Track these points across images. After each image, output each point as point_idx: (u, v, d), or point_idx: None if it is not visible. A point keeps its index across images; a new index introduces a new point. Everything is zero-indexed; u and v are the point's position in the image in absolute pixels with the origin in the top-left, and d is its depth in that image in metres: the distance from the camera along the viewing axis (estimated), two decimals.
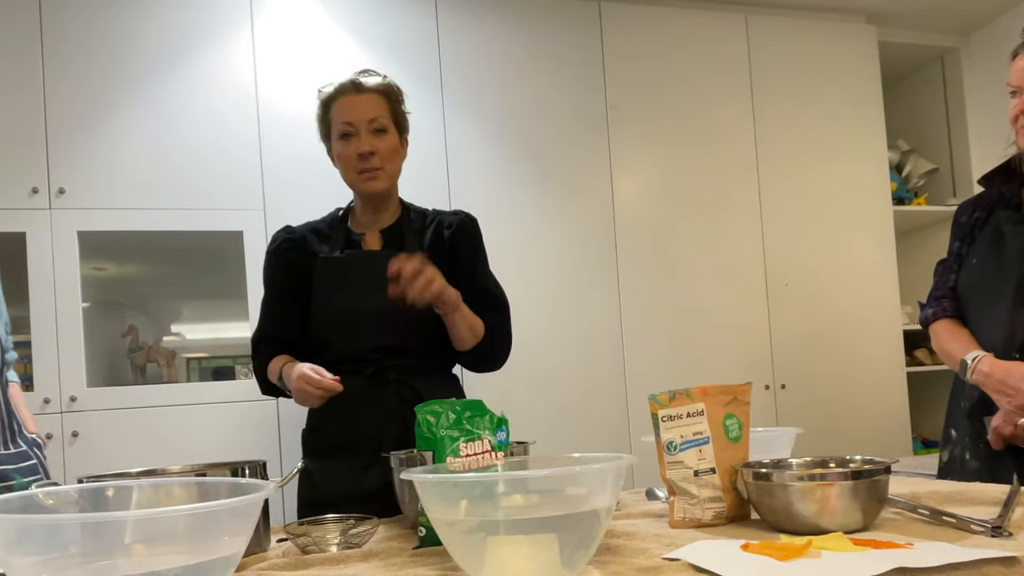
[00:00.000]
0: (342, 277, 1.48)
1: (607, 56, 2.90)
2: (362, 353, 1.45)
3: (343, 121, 1.47)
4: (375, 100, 1.49)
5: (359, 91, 1.48)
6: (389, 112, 1.50)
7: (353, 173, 1.50)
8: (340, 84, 1.50)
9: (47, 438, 2.23)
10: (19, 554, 0.63)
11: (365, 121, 1.47)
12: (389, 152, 1.49)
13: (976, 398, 1.55)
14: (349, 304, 1.46)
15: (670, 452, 1.04)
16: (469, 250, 1.55)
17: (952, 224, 1.70)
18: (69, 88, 2.36)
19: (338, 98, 1.49)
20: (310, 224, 1.60)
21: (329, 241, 1.54)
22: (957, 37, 3.48)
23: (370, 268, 1.47)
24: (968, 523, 0.89)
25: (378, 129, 1.48)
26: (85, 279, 2.37)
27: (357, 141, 1.47)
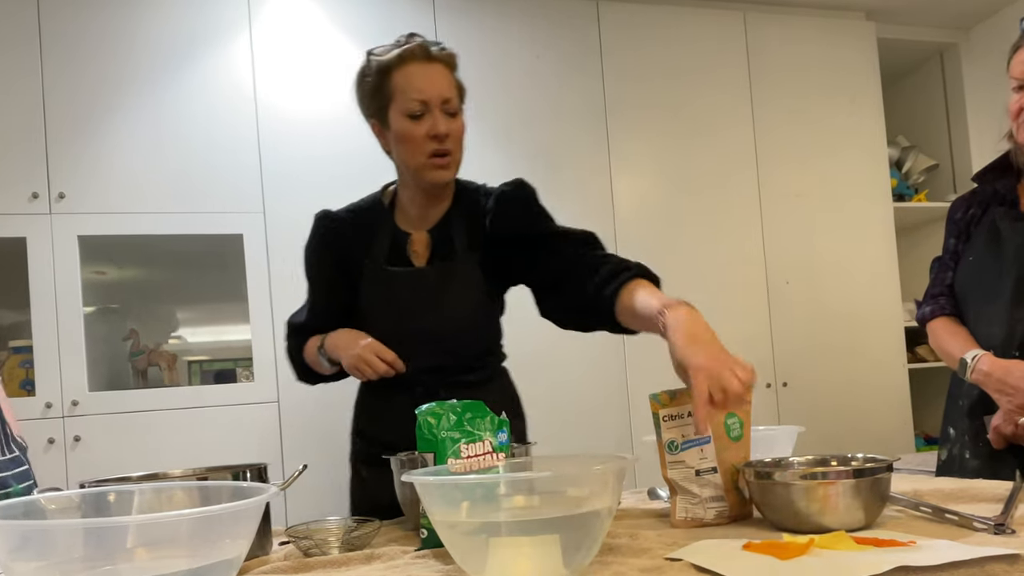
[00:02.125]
0: (386, 295, 1.34)
1: (605, 53, 2.90)
2: (410, 374, 1.32)
3: (415, 97, 1.24)
4: (445, 73, 1.27)
5: (429, 59, 1.26)
6: (456, 88, 1.30)
7: (422, 158, 1.27)
8: (404, 48, 1.26)
9: (49, 443, 2.24)
10: (22, 560, 0.63)
11: (440, 98, 1.25)
12: (461, 136, 1.30)
13: (975, 397, 1.55)
14: (393, 325, 1.33)
15: (671, 451, 1.04)
16: (521, 220, 1.33)
17: (946, 221, 1.70)
18: (68, 93, 2.36)
19: (403, 65, 1.26)
20: (353, 209, 1.41)
21: (374, 238, 1.36)
22: (956, 33, 3.48)
23: (414, 287, 1.34)
24: (971, 521, 0.89)
25: (451, 110, 1.27)
26: (86, 283, 2.38)
27: (431, 120, 1.24)
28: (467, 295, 1.35)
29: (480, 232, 1.35)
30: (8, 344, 2.39)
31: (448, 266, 1.35)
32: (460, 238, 1.35)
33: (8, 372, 2.36)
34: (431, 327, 1.33)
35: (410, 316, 1.33)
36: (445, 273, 1.34)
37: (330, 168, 2.56)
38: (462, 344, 1.36)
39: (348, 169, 2.55)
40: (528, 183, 1.40)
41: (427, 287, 1.33)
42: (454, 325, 1.34)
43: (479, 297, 1.36)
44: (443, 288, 1.34)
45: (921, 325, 1.69)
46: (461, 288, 1.34)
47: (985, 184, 1.64)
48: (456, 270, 1.34)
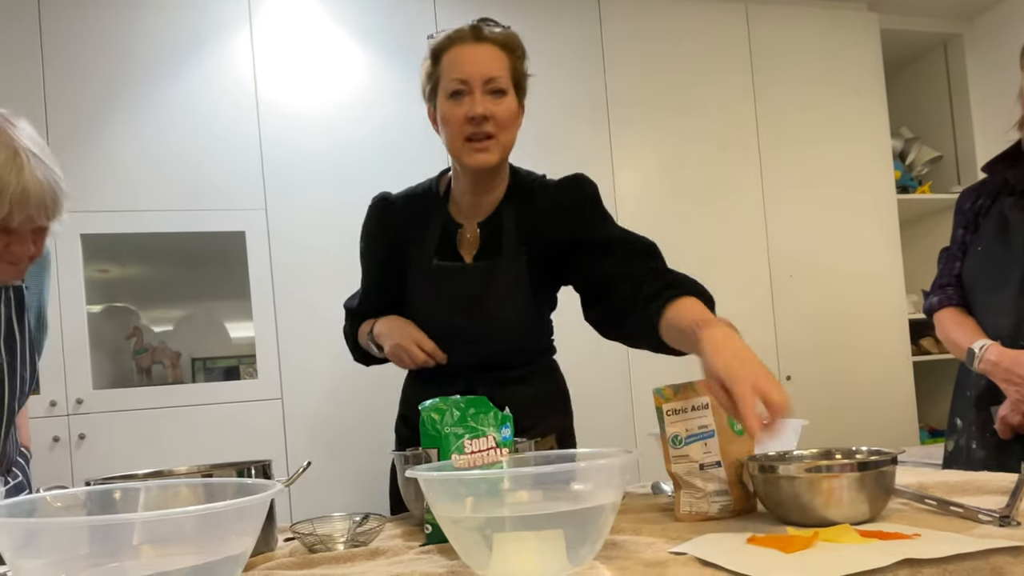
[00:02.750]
0: (431, 289, 1.34)
1: (607, 47, 2.89)
2: (451, 368, 1.33)
3: (455, 77, 1.23)
4: (496, 54, 1.25)
5: (479, 40, 1.25)
6: (510, 70, 1.27)
7: (459, 140, 1.25)
8: (456, 29, 1.26)
9: (54, 441, 2.24)
10: (28, 557, 0.63)
11: (481, 78, 1.23)
12: (507, 118, 1.25)
13: (983, 387, 1.54)
14: (436, 320, 1.33)
15: (675, 446, 1.04)
16: (572, 224, 1.30)
17: (954, 211, 1.69)
18: (69, 92, 2.36)
19: (451, 47, 1.26)
20: (408, 194, 1.39)
21: (427, 226, 1.34)
22: (960, 23, 3.46)
23: (458, 284, 1.33)
24: (976, 513, 0.89)
25: (496, 90, 1.24)
26: (89, 281, 2.38)
27: (470, 101, 1.22)
28: (513, 295, 1.32)
29: (533, 227, 1.32)
30: None
31: (495, 263, 1.32)
32: (511, 233, 1.33)
33: None
34: (474, 326, 1.32)
35: (453, 313, 1.32)
36: (492, 272, 1.32)
37: (332, 164, 2.55)
38: (504, 343, 1.35)
39: (350, 165, 2.55)
40: (589, 180, 1.37)
41: (472, 285, 1.31)
42: (497, 325, 1.33)
43: (525, 296, 1.33)
44: (488, 287, 1.32)
45: (928, 316, 1.69)
46: (507, 288, 1.32)
47: (995, 174, 1.63)
48: (503, 268, 1.32)
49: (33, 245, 1.14)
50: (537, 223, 1.32)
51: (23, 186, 1.05)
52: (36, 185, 1.07)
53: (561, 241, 1.31)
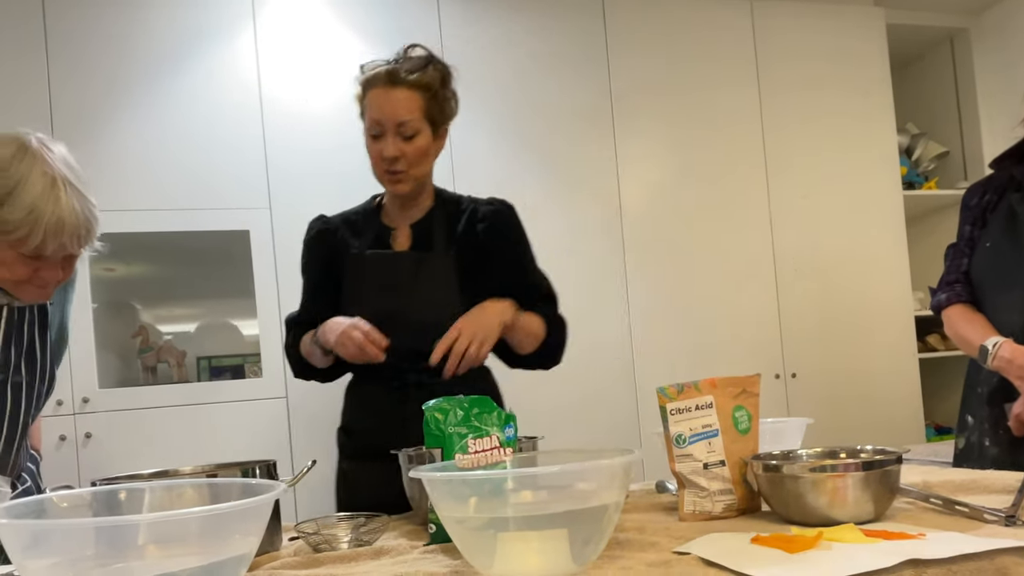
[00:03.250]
0: (365, 278, 1.44)
1: (611, 46, 2.88)
2: (386, 357, 1.38)
3: (372, 118, 1.38)
4: (409, 98, 1.37)
5: (394, 84, 1.36)
6: (424, 110, 1.39)
7: (379, 171, 1.43)
8: (375, 71, 1.38)
9: (60, 440, 2.25)
10: (34, 558, 0.63)
11: (394, 123, 1.37)
12: (417, 156, 1.40)
13: (995, 384, 1.53)
14: (368, 307, 1.40)
15: (679, 445, 1.04)
16: (507, 244, 1.47)
17: (961, 207, 1.68)
18: (74, 91, 2.36)
19: (370, 88, 1.39)
20: (345, 214, 1.54)
21: (361, 235, 1.48)
22: (966, 17, 3.44)
23: (391, 269, 1.44)
24: (981, 512, 0.89)
25: (407, 134, 1.38)
26: (94, 280, 2.39)
27: (383, 143, 1.38)
28: (441, 283, 1.43)
29: (462, 232, 1.46)
30: None
31: (424, 254, 1.44)
32: (440, 234, 1.46)
33: None
34: (406, 308, 1.40)
35: (386, 297, 1.41)
36: (421, 260, 1.44)
37: (335, 163, 2.56)
38: (436, 328, 1.39)
39: (353, 164, 2.54)
40: (516, 211, 1.53)
41: (404, 269, 1.42)
42: (427, 308, 1.40)
43: (453, 285, 1.43)
44: (418, 272, 1.43)
45: (936, 313, 1.68)
46: (436, 275, 1.43)
47: (1002, 170, 1.62)
48: (432, 258, 1.44)
49: (62, 271, 1.14)
50: (466, 230, 1.46)
51: (59, 216, 1.06)
52: (72, 215, 1.08)
53: (488, 253, 1.45)
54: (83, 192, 1.11)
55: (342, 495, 1.49)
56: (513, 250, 1.49)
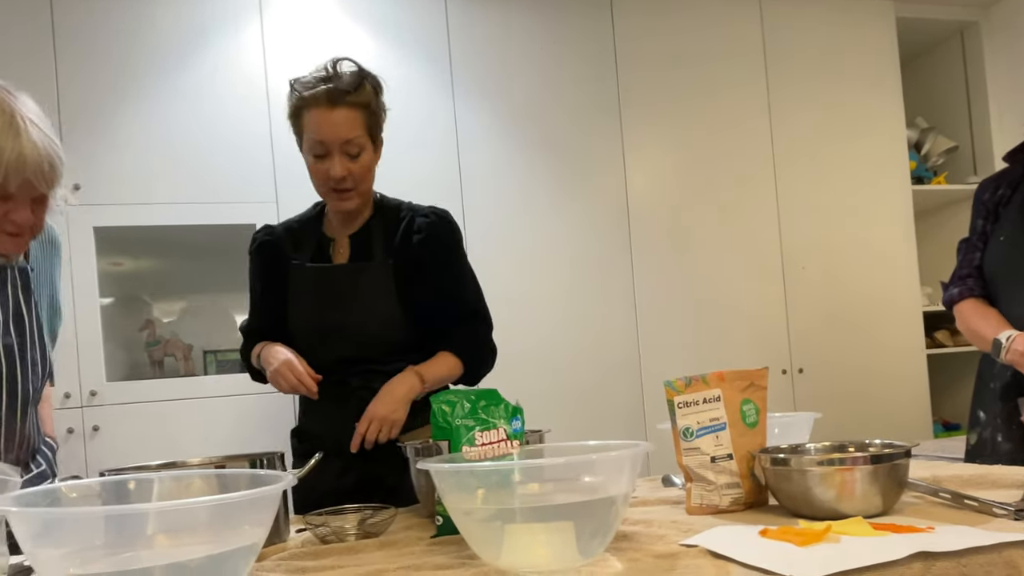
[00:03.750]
0: (306, 290, 1.47)
1: (619, 40, 2.87)
2: (327, 364, 1.43)
3: (315, 139, 1.38)
4: (351, 117, 1.37)
5: (334, 105, 1.36)
6: (365, 128, 1.39)
7: (324, 190, 1.43)
8: (312, 91, 1.37)
9: (68, 432, 2.27)
10: (45, 547, 0.64)
11: (339, 143, 1.36)
12: (363, 173, 1.41)
13: (1008, 378, 1.52)
14: (310, 319, 1.46)
15: (686, 438, 1.04)
16: (439, 257, 1.48)
17: (974, 202, 1.67)
18: (82, 85, 2.37)
19: (309, 109, 1.38)
20: (288, 223, 1.57)
21: (302, 246, 1.51)
22: (977, 10, 3.41)
23: (331, 281, 1.46)
24: (990, 507, 0.88)
25: (352, 152, 1.38)
26: (102, 274, 2.40)
27: (330, 162, 1.38)
28: (379, 292, 1.45)
29: (399, 242, 1.48)
30: None
31: (363, 265, 1.47)
32: (378, 244, 1.48)
33: None
34: (345, 320, 1.43)
35: (326, 308, 1.44)
36: (359, 271, 1.46)
37: None
38: (375, 337, 1.44)
39: None
40: (455, 222, 1.53)
41: (342, 282, 1.45)
42: (366, 319, 1.44)
43: (390, 293, 1.45)
44: (356, 284, 1.45)
45: (948, 307, 1.66)
46: (374, 286, 1.45)
47: (1015, 164, 1.61)
48: (371, 269, 1.46)
49: (33, 214, 1.14)
50: (403, 241, 1.48)
51: (19, 151, 1.06)
52: (33, 150, 1.07)
53: (423, 264, 1.47)
54: (46, 132, 1.11)
55: (298, 496, 1.47)
56: (447, 262, 1.49)
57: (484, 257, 2.67)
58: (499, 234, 2.71)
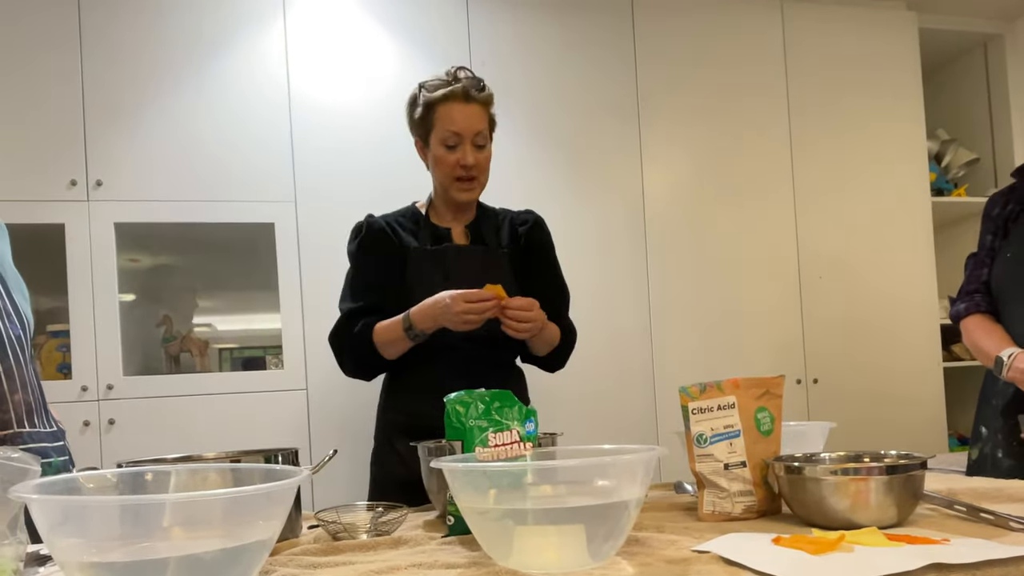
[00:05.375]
0: (437, 268, 1.56)
1: (639, 45, 2.87)
2: (453, 341, 1.51)
3: (451, 130, 1.52)
4: (481, 113, 1.54)
5: (468, 101, 1.53)
6: (489, 124, 1.57)
7: (450, 179, 1.56)
8: (450, 88, 1.53)
9: (84, 425, 2.29)
10: (62, 535, 0.65)
11: (472, 134, 1.52)
12: (486, 163, 1.57)
13: (1010, 395, 1.52)
14: (439, 291, 1.49)
15: (700, 445, 1.03)
16: (544, 247, 1.66)
17: (982, 217, 1.67)
18: (107, 83, 2.40)
19: (446, 103, 1.53)
20: (387, 216, 1.65)
21: (417, 234, 1.61)
22: (1001, 23, 3.38)
23: (461, 261, 1.58)
24: (1007, 520, 0.87)
25: (481, 143, 1.54)
26: (120, 270, 2.42)
27: (461, 152, 1.52)
28: (504, 273, 1.59)
29: (505, 234, 1.64)
30: (46, 328, 2.44)
31: (487, 248, 1.61)
32: (491, 234, 1.64)
33: (46, 355, 2.42)
34: None
35: (462, 283, 1.51)
36: (486, 252, 1.61)
37: (360, 158, 2.57)
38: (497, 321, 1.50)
39: (378, 159, 2.57)
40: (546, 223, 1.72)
41: (473, 259, 1.58)
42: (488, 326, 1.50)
43: (513, 280, 1.60)
44: (486, 262, 1.59)
45: (955, 322, 1.66)
46: (499, 267, 1.59)
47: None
48: (495, 252, 1.61)
49: None
50: (511, 233, 1.64)
51: None
52: None
53: (530, 255, 1.64)
54: None
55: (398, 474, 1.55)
56: (549, 254, 1.68)
57: None
58: None
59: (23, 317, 1.31)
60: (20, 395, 1.25)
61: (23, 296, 1.37)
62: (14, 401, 1.24)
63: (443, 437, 1.30)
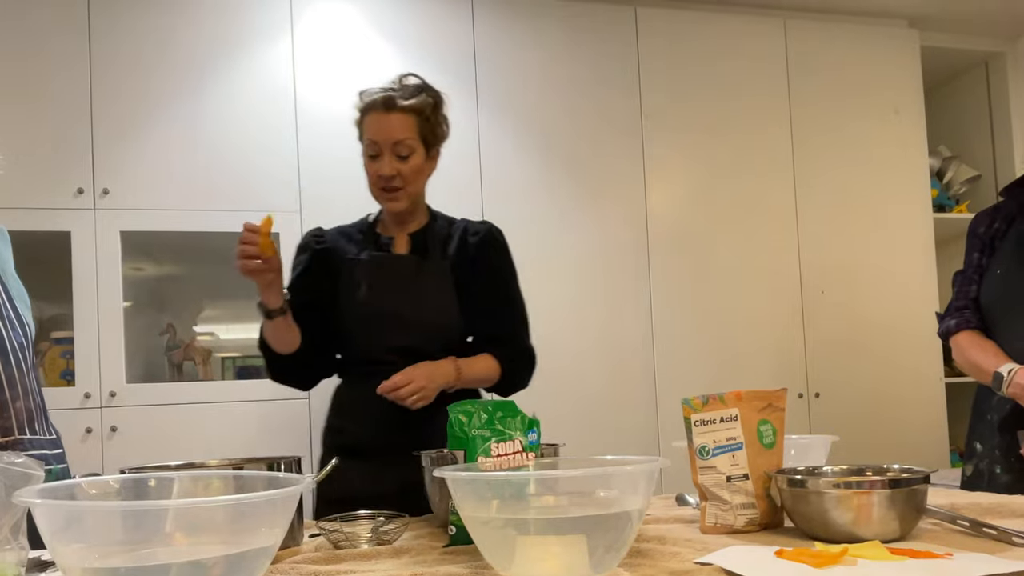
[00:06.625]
0: (365, 279, 1.51)
1: (643, 61, 2.89)
2: (380, 355, 1.47)
3: (369, 140, 1.50)
4: (404, 121, 1.48)
5: (389, 110, 1.48)
6: (418, 132, 1.50)
7: (376, 189, 1.53)
8: (373, 98, 1.50)
9: (87, 432, 2.29)
10: (66, 541, 0.65)
11: (390, 143, 1.48)
12: (411, 174, 1.50)
13: (1007, 411, 1.52)
14: (369, 306, 1.50)
15: (702, 457, 1.03)
16: (496, 261, 1.58)
17: (968, 235, 1.69)
18: (114, 93, 2.42)
19: (368, 113, 1.51)
20: (340, 228, 1.63)
21: (359, 244, 1.58)
22: (1003, 42, 3.40)
23: (395, 270, 1.53)
24: (1010, 535, 0.87)
25: (402, 153, 1.49)
26: (125, 278, 2.43)
27: (380, 162, 1.49)
28: (439, 285, 1.52)
29: (453, 244, 1.57)
30: (50, 335, 2.45)
31: (425, 258, 1.54)
32: (436, 244, 1.57)
33: (49, 362, 2.43)
34: (406, 308, 1.49)
35: (387, 294, 1.50)
36: (421, 262, 1.54)
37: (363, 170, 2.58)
38: (433, 329, 1.50)
39: None
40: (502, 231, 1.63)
41: (404, 271, 1.52)
42: (427, 309, 1.50)
43: (450, 292, 1.53)
44: (418, 274, 1.53)
45: (944, 339, 1.68)
46: (435, 278, 1.53)
47: (1011, 198, 1.62)
48: (432, 262, 1.54)
49: None
50: (460, 243, 1.57)
51: None
52: None
53: (478, 268, 1.55)
54: None
55: (329, 492, 1.48)
56: (501, 269, 1.58)
57: None
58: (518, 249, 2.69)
59: (25, 324, 1.32)
60: (22, 402, 1.25)
61: (24, 303, 1.38)
62: (15, 408, 1.24)
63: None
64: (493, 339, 1.54)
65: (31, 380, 1.29)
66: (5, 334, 1.24)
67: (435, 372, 1.43)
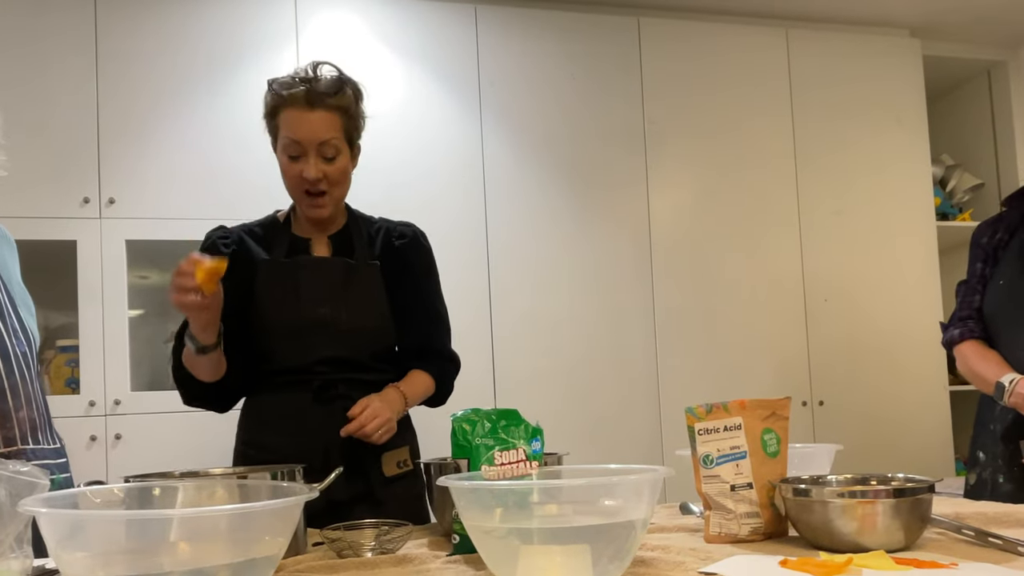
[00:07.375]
0: (289, 284, 1.38)
1: (645, 71, 2.90)
2: (308, 365, 1.36)
3: (290, 138, 1.33)
4: (329, 120, 1.33)
5: (312, 107, 1.32)
6: (343, 131, 1.36)
7: (297, 193, 1.39)
8: (291, 91, 1.33)
9: (91, 440, 2.29)
10: (70, 550, 0.65)
11: (315, 144, 1.33)
12: (338, 175, 1.37)
13: (1009, 421, 1.52)
14: (296, 313, 1.36)
15: (706, 466, 1.03)
16: (421, 265, 1.47)
17: (971, 245, 1.69)
18: (120, 102, 2.44)
19: (287, 108, 1.34)
20: (244, 226, 1.48)
21: (271, 245, 1.43)
22: (1005, 51, 3.40)
23: (319, 275, 1.39)
24: (1015, 545, 0.87)
25: (329, 154, 1.35)
26: (131, 286, 2.44)
27: (304, 164, 1.34)
28: (370, 290, 1.41)
29: (378, 246, 1.45)
30: (55, 343, 2.46)
31: (353, 260, 1.41)
32: (361, 245, 1.44)
33: (54, 370, 2.43)
34: (333, 315, 1.37)
35: (313, 303, 1.37)
36: (351, 266, 1.40)
37: (370, 178, 2.59)
38: (362, 338, 1.39)
39: (389, 179, 2.59)
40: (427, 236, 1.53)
41: (332, 275, 1.39)
42: (356, 316, 1.38)
43: (382, 296, 1.42)
44: (349, 279, 1.39)
45: (948, 348, 1.68)
46: (367, 282, 1.40)
47: (1014, 209, 1.63)
48: (361, 266, 1.41)
49: None
50: (385, 244, 1.46)
51: None
52: None
53: (407, 268, 1.45)
54: None
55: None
56: (425, 273, 1.48)
57: (505, 280, 2.69)
58: (522, 258, 2.72)
59: (29, 334, 1.32)
60: (25, 412, 1.25)
61: (29, 312, 1.38)
62: (18, 418, 1.24)
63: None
64: (423, 352, 1.45)
65: (35, 389, 1.30)
66: (9, 344, 1.25)
67: (392, 402, 1.33)
